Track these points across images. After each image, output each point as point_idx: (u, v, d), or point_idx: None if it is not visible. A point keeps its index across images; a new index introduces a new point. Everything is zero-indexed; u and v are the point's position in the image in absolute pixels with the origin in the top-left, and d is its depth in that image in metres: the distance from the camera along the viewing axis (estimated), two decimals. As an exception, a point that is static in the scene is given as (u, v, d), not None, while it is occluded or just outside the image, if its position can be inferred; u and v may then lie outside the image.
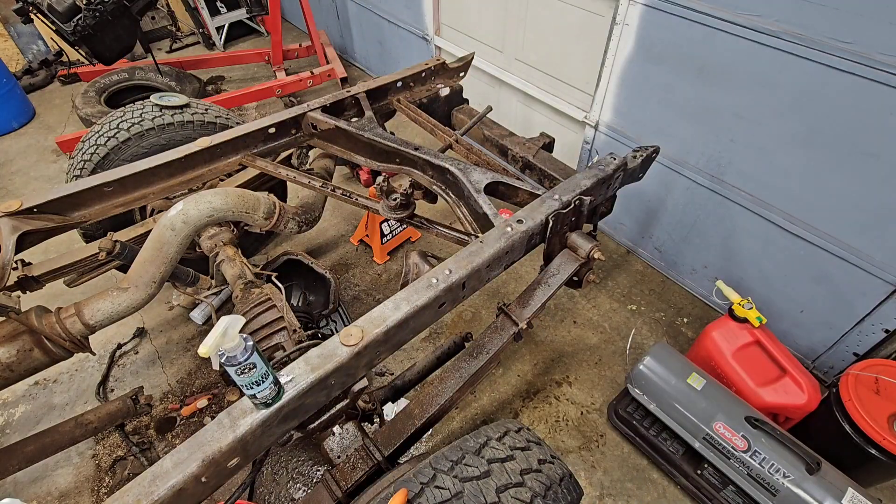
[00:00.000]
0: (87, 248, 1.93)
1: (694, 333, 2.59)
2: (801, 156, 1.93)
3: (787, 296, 2.29)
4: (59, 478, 2.10)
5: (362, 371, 1.22)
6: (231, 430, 1.00)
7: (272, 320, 1.58)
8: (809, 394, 1.85)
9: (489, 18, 3.11)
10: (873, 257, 1.91)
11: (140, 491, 0.93)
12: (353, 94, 2.20)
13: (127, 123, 2.10)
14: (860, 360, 2.12)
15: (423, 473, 1.00)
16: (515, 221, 1.50)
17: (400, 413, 1.46)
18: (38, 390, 2.43)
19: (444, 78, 2.52)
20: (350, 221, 3.34)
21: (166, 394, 2.39)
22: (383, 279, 2.94)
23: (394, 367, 2.47)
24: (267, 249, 3.16)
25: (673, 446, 1.95)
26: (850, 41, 1.63)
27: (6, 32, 5.01)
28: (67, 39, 2.90)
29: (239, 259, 1.98)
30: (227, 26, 5.48)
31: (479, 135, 2.39)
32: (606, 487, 2.03)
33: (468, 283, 1.38)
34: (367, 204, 1.89)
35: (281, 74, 4.52)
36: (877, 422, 1.63)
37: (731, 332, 2.05)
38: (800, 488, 1.57)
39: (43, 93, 4.91)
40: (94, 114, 3.68)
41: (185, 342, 2.62)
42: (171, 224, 1.67)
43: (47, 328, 1.54)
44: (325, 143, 2.15)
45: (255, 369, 0.93)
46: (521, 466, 1.05)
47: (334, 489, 1.27)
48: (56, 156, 4.00)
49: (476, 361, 1.52)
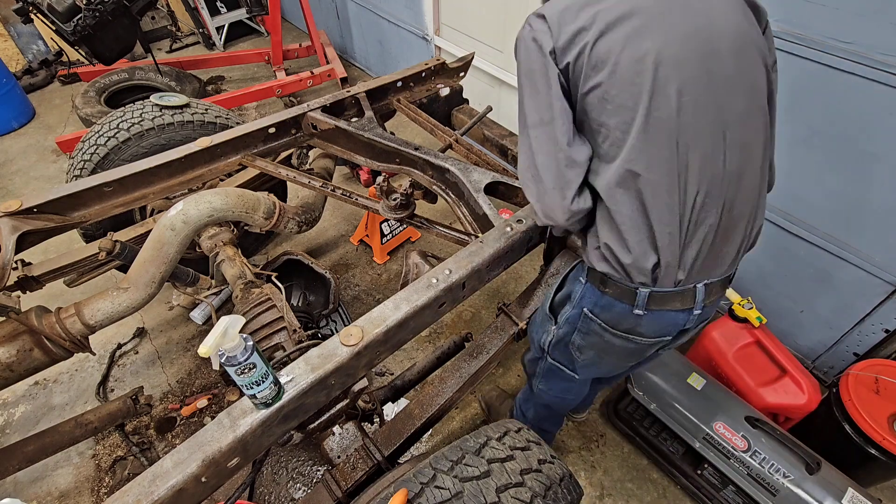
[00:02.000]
0: (87, 248, 1.93)
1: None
2: (801, 156, 1.93)
3: (787, 296, 2.29)
4: (59, 478, 2.10)
5: (362, 371, 1.23)
6: (231, 430, 1.00)
7: (272, 320, 1.58)
8: (809, 394, 1.85)
9: (489, 18, 3.11)
10: (873, 257, 1.90)
11: (140, 491, 0.93)
12: (353, 94, 2.20)
13: (127, 123, 2.10)
14: (860, 360, 2.12)
15: (423, 473, 1.00)
16: (515, 221, 1.50)
17: (400, 413, 1.46)
18: (38, 390, 2.43)
19: (444, 78, 2.52)
20: (350, 221, 3.34)
21: (166, 394, 2.39)
22: (383, 279, 2.94)
23: (394, 367, 2.47)
24: (267, 249, 3.16)
25: (673, 446, 1.95)
26: (850, 41, 1.63)
27: (6, 32, 5.01)
28: (67, 39, 2.89)
29: (239, 259, 1.98)
30: (227, 26, 5.48)
31: (479, 135, 2.39)
32: (606, 487, 2.03)
33: (468, 283, 1.38)
34: (367, 204, 1.89)
35: (281, 74, 4.52)
36: (877, 422, 1.63)
37: (731, 332, 2.05)
38: (800, 488, 1.57)
39: (43, 93, 4.91)
40: (94, 114, 3.68)
41: (185, 342, 2.62)
42: (171, 224, 1.67)
43: (47, 328, 1.54)
44: (325, 143, 2.15)
45: (255, 369, 0.93)
46: (521, 466, 1.05)
47: (334, 489, 1.27)
48: (56, 156, 4.00)
49: (476, 361, 1.52)
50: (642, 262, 1.03)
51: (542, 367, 1.50)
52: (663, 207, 0.98)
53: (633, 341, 1.18)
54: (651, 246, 1.02)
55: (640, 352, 1.24)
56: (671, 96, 0.92)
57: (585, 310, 1.20)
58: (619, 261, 1.07)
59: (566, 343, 1.32)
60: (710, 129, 0.96)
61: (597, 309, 1.18)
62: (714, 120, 0.96)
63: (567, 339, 1.31)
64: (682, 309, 1.10)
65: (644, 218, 1.00)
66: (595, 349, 1.27)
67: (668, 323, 1.13)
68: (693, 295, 1.09)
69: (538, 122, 1.05)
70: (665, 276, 1.05)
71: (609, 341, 1.21)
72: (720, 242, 1.05)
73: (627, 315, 1.12)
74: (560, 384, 1.53)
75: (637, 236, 1.02)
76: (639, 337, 1.17)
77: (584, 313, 1.21)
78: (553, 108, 1.02)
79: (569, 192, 1.05)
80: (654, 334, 1.16)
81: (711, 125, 0.96)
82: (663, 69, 0.92)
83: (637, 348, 1.21)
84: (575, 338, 1.28)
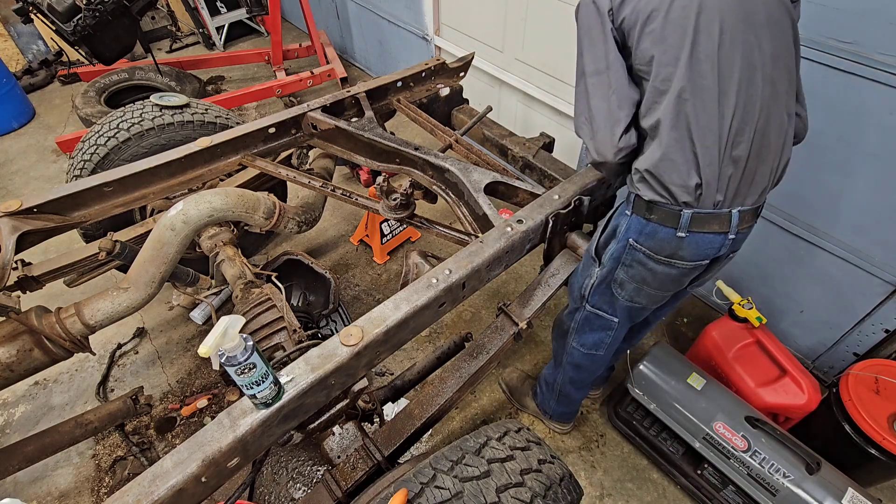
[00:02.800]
0: (87, 248, 1.93)
1: (694, 333, 2.59)
2: (801, 156, 1.93)
3: (787, 296, 2.29)
4: (59, 478, 2.10)
5: (362, 371, 1.23)
6: (231, 430, 1.00)
7: (272, 320, 1.58)
8: (809, 394, 1.85)
9: (489, 18, 3.11)
10: (873, 257, 1.91)
11: (140, 491, 0.93)
12: (353, 94, 2.20)
13: (127, 123, 2.10)
14: (860, 360, 2.12)
15: (423, 473, 1.00)
16: (515, 221, 1.50)
17: (400, 413, 1.46)
18: (38, 390, 2.43)
19: (444, 78, 2.52)
20: (350, 221, 3.35)
21: (166, 394, 2.39)
22: (383, 279, 2.94)
23: (394, 367, 2.47)
24: (267, 249, 3.16)
25: (673, 446, 1.95)
26: (850, 41, 1.63)
27: (6, 32, 5.01)
28: (67, 39, 2.89)
29: (239, 259, 1.98)
30: (227, 26, 5.48)
31: (479, 135, 2.39)
32: (606, 487, 2.04)
33: (468, 283, 1.38)
34: (367, 204, 1.89)
35: (281, 74, 4.52)
36: (877, 422, 1.63)
37: (731, 332, 2.05)
38: (800, 488, 1.57)
39: (43, 93, 4.91)
40: (94, 114, 3.68)
41: (185, 342, 2.62)
42: (171, 224, 1.67)
43: (47, 328, 1.54)
44: (325, 143, 2.15)
45: (255, 369, 0.93)
46: (521, 466, 1.05)
47: (334, 489, 1.27)
48: (56, 156, 4.00)
49: (476, 361, 1.52)
50: (687, 179, 1.18)
51: (580, 319, 1.64)
52: (706, 129, 1.14)
53: (675, 265, 1.30)
54: (695, 166, 1.17)
55: (679, 279, 1.35)
56: (714, 34, 1.09)
57: (631, 240, 1.33)
58: (664, 185, 1.21)
59: (608, 283, 1.46)
60: (745, 62, 1.12)
61: (641, 238, 1.31)
62: (747, 55, 1.12)
63: (610, 277, 1.44)
64: (719, 232, 1.23)
65: (689, 141, 1.15)
66: (636, 281, 1.40)
67: (706, 245, 1.26)
68: (729, 219, 1.22)
69: (594, 71, 1.24)
70: (706, 196, 1.19)
71: (652, 269, 1.34)
72: (753, 166, 1.19)
73: (671, 239, 1.25)
74: (595, 336, 1.65)
75: (683, 157, 1.17)
76: (679, 261, 1.29)
77: (630, 244, 1.34)
78: (608, 58, 1.21)
79: (618, 129, 1.23)
80: (693, 257, 1.28)
81: (745, 59, 1.12)
82: (706, 13, 1.09)
83: (677, 274, 1.33)
84: (618, 273, 1.41)
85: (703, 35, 1.10)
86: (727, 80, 1.12)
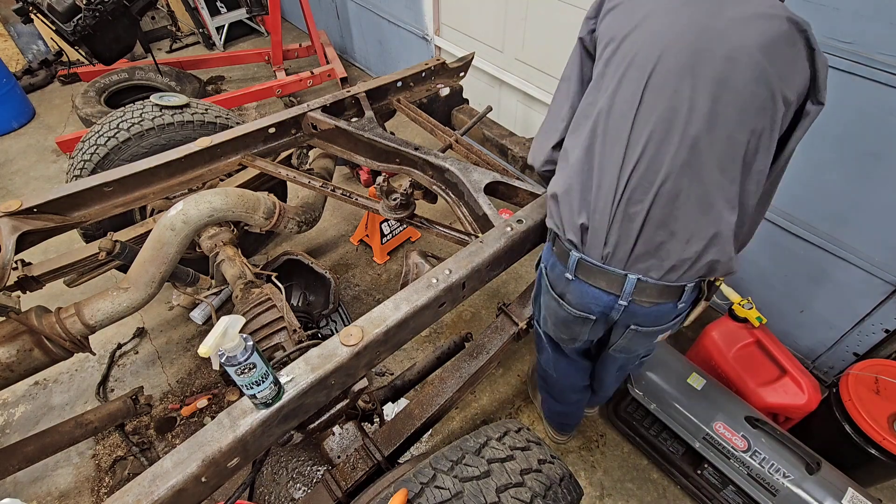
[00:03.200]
0: (87, 248, 1.93)
1: (694, 333, 2.59)
2: (801, 156, 1.93)
3: (787, 296, 2.29)
4: (59, 478, 2.10)
5: (362, 371, 1.23)
6: (231, 430, 1.00)
7: (272, 320, 1.58)
8: (809, 394, 1.85)
9: (489, 18, 3.11)
10: (873, 257, 1.90)
11: (140, 491, 0.93)
12: (353, 94, 2.20)
13: (127, 123, 2.10)
14: (860, 360, 2.12)
15: (423, 473, 1.00)
16: (515, 221, 1.50)
17: (400, 413, 1.46)
18: (38, 390, 2.43)
19: (444, 78, 2.52)
20: (350, 221, 3.34)
21: (166, 394, 2.39)
22: (383, 279, 2.94)
23: (394, 367, 2.47)
24: (267, 249, 3.16)
25: (673, 446, 1.95)
26: (850, 41, 1.63)
27: (6, 32, 5.01)
28: (67, 39, 2.89)
29: (239, 259, 1.98)
30: (227, 26, 5.48)
31: (479, 135, 2.39)
32: (606, 487, 2.03)
33: (468, 283, 1.38)
34: (367, 204, 1.89)
35: (281, 74, 4.52)
36: (877, 422, 1.63)
37: (731, 332, 2.05)
38: (800, 488, 1.57)
39: (43, 93, 4.91)
40: (94, 114, 3.68)
41: (185, 342, 2.62)
42: (171, 224, 1.67)
43: (47, 328, 1.54)
44: (325, 143, 2.15)
45: (255, 369, 0.93)
46: (521, 466, 1.05)
47: (334, 489, 1.27)
48: (56, 156, 4.00)
49: (476, 361, 1.52)
50: (576, 217, 1.13)
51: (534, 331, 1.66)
52: (607, 172, 1.07)
53: (563, 308, 1.28)
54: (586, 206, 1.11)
55: (570, 325, 1.31)
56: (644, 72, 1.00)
57: (542, 266, 1.35)
58: (560, 215, 1.18)
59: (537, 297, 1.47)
60: (665, 115, 1.00)
61: (548, 267, 1.31)
62: (671, 107, 0.99)
63: (538, 292, 1.45)
64: (607, 290, 1.15)
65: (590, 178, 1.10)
66: (545, 309, 1.40)
67: (591, 298, 1.19)
68: (621, 283, 1.12)
69: (563, 76, 1.25)
70: (592, 243, 1.12)
71: (548, 302, 1.34)
72: (653, 233, 1.06)
73: (562, 277, 1.23)
74: (542, 354, 1.67)
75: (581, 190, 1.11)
76: (566, 304, 1.26)
77: (541, 269, 1.36)
78: (572, 67, 1.21)
79: (552, 139, 1.24)
80: (578, 306, 1.24)
81: (667, 112, 0.99)
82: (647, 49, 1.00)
83: (566, 317, 1.30)
84: (538, 291, 1.44)
85: (633, 71, 1.01)
86: (640, 129, 1.01)
